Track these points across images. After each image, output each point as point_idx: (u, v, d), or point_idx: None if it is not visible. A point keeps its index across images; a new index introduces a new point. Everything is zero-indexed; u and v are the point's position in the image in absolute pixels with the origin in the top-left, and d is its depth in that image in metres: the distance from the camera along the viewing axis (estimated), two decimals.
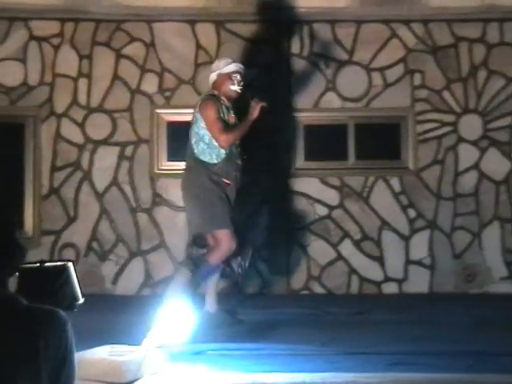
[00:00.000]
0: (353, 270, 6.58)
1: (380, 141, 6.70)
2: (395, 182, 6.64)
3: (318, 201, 6.59)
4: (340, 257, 6.59)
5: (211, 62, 6.63)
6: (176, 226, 6.55)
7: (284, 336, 4.47)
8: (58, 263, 2.12)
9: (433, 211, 6.62)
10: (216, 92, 4.81)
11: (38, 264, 2.08)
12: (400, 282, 6.59)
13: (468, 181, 6.65)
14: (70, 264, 2.10)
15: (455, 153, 6.67)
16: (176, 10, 6.44)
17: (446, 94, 6.66)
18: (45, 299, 1.92)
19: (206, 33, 6.63)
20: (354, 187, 6.62)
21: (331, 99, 6.64)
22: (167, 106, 6.61)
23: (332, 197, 6.58)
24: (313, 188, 6.58)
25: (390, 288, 6.57)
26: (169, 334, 3.79)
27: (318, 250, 6.55)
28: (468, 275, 6.60)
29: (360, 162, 6.67)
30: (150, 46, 6.61)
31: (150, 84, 6.61)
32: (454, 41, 6.67)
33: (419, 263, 6.61)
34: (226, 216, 4.64)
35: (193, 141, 4.76)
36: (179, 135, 6.63)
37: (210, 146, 4.70)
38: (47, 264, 2.10)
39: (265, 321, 5.00)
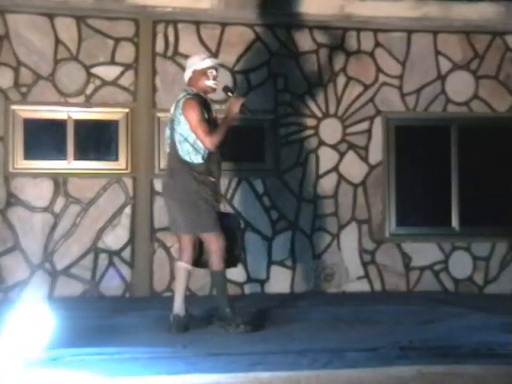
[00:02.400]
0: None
1: (245, 143, 6.76)
2: (258, 184, 6.73)
3: None
4: None
5: (72, 58, 6.45)
6: (33, 227, 6.29)
7: (146, 339, 4.40)
8: None
9: (294, 213, 6.77)
10: (194, 89, 4.67)
11: None
12: (262, 282, 6.69)
13: (328, 183, 6.86)
14: None
15: (316, 156, 6.86)
16: (32, 2, 6.17)
17: (308, 99, 6.84)
18: None
19: (66, 28, 6.42)
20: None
21: None
22: (24, 102, 6.33)
23: None
24: None
25: (253, 288, 6.65)
26: (24, 340, 3.61)
27: None
28: (327, 275, 6.80)
29: (225, 164, 6.67)
30: (4, 38, 6.30)
31: (5, 79, 6.30)
32: (315, 47, 6.86)
33: (281, 264, 6.73)
34: (210, 217, 4.60)
35: (176, 142, 4.63)
36: (36, 133, 6.38)
37: (194, 146, 4.61)
38: None
39: (127, 324, 4.89)
